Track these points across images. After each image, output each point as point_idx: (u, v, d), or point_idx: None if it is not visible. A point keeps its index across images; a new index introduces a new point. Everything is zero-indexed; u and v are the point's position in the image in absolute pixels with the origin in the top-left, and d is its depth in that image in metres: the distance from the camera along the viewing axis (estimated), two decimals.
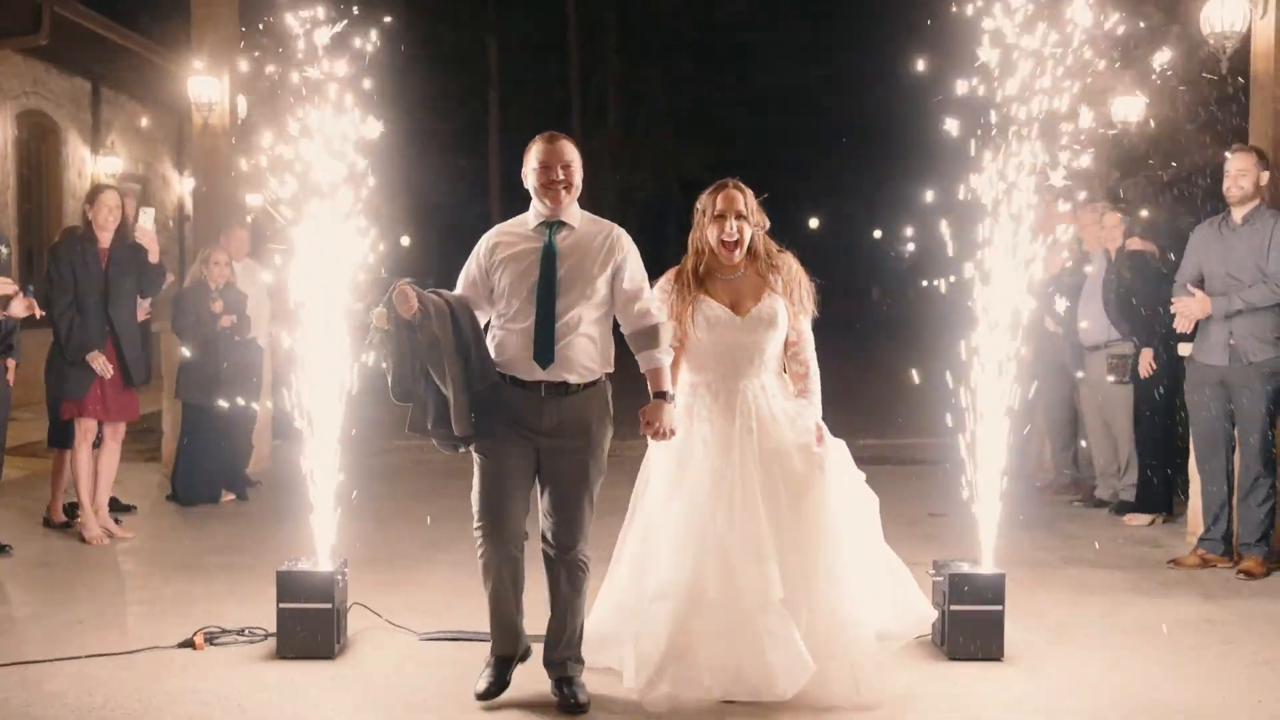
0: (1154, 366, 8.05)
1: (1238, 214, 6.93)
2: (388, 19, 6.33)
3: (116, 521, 7.91)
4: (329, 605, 5.32)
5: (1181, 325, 7.03)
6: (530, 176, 4.75)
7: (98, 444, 7.75)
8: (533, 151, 4.76)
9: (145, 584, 6.70)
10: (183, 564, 7.12)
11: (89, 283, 7.52)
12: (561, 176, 4.71)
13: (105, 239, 7.63)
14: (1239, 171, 6.85)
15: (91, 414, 7.54)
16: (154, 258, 7.73)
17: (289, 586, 5.34)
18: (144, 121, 16.79)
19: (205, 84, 10.03)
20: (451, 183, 32.14)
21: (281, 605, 5.33)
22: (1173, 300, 7.09)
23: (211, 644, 5.47)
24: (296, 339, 5.59)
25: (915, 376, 6.56)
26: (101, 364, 7.45)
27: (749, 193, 5.02)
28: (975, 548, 5.59)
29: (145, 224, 7.70)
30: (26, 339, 7.47)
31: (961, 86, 5.58)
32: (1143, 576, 6.90)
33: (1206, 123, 9.04)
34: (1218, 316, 6.85)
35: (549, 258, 4.67)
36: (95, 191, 7.84)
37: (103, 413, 7.58)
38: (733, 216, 4.96)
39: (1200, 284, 6.98)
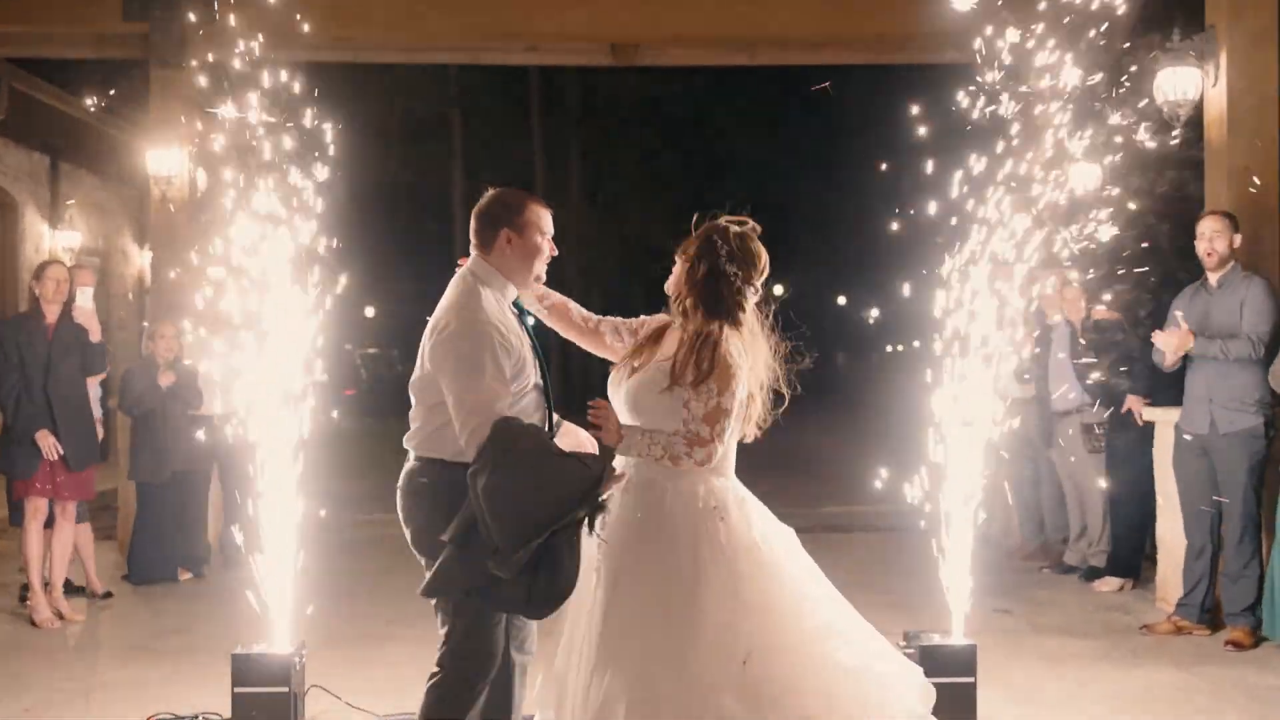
0: (1140, 419, 8.00)
1: (1214, 277, 6.95)
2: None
3: (99, 595, 7.81)
4: (285, 689, 5.17)
5: (1169, 359, 6.96)
6: (536, 243, 4.05)
7: (51, 523, 7.58)
8: (542, 215, 4.08)
9: (97, 668, 6.50)
10: (137, 646, 6.92)
11: (34, 361, 7.40)
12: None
13: (52, 314, 7.51)
14: (1214, 234, 6.87)
15: (40, 493, 7.38)
16: (95, 336, 7.62)
17: (244, 670, 5.18)
18: (102, 195, 16.70)
19: (163, 157, 9.96)
20: (415, 255, 32.18)
21: (237, 690, 5.17)
22: (1153, 334, 7.05)
23: None
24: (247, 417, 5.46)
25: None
26: (50, 444, 7.30)
27: (718, 231, 4.07)
28: (945, 617, 5.51)
29: (83, 303, 7.60)
30: None
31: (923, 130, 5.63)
32: (1114, 644, 6.83)
33: (1162, 190, 9.15)
34: (1201, 359, 6.82)
35: (536, 345, 4.05)
36: (41, 267, 7.74)
37: (52, 491, 7.42)
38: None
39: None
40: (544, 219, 4.08)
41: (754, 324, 4.08)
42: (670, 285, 4.13)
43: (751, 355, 4.00)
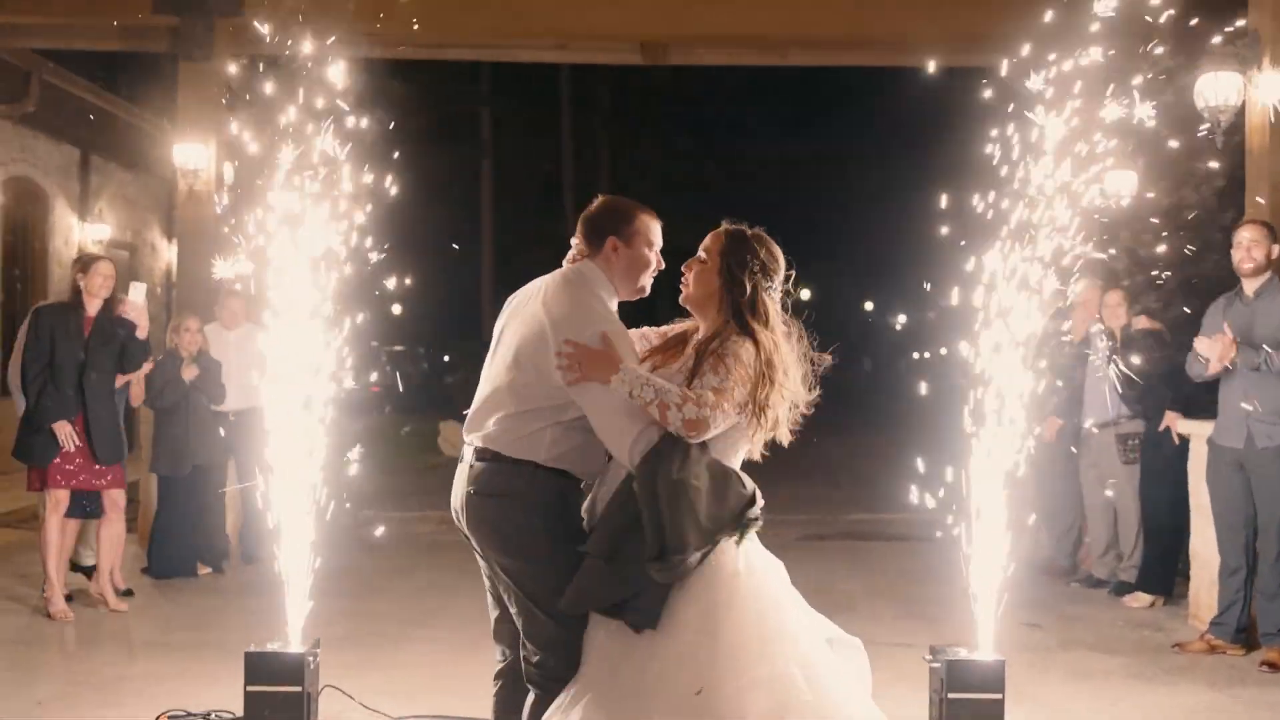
0: (1177, 438, 7.84)
1: (1250, 287, 6.76)
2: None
3: (119, 592, 7.79)
4: (299, 689, 5.08)
5: (1213, 367, 6.75)
6: (643, 255, 3.99)
7: (97, 515, 7.57)
8: (651, 226, 4.03)
9: (111, 663, 6.44)
10: (152, 641, 6.87)
11: (68, 351, 7.34)
12: None
13: (93, 307, 7.47)
14: (1251, 242, 6.68)
15: (59, 484, 7.32)
16: (142, 333, 7.60)
17: (257, 668, 5.09)
18: (132, 188, 16.76)
19: (191, 150, 9.94)
20: (443, 252, 32.14)
21: (249, 688, 5.08)
22: (1196, 340, 6.85)
23: None
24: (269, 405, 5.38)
25: (923, 388, 6.31)
26: (66, 434, 7.24)
27: (734, 236, 3.97)
28: (971, 629, 5.37)
29: (135, 298, 7.57)
30: None
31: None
32: (1145, 662, 6.68)
33: (1200, 198, 8.99)
34: (1238, 371, 6.66)
35: None
36: (90, 260, 7.67)
37: (76, 482, 7.37)
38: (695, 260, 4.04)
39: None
40: (653, 230, 4.02)
41: (779, 329, 3.91)
42: (691, 295, 4.00)
43: (763, 370, 3.78)
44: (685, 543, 3.61)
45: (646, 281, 4.02)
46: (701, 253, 3.99)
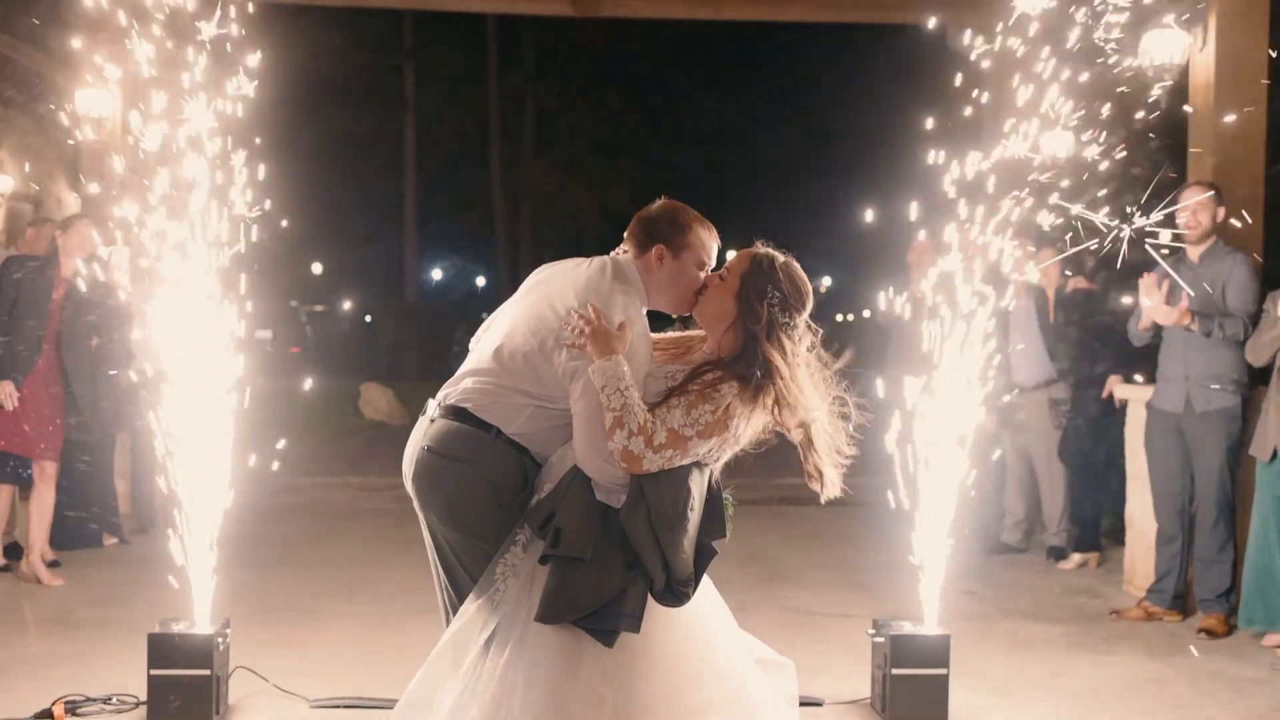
0: (1119, 403, 7.74)
1: (1194, 253, 6.65)
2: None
3: (55, 564, 7.43)
4: (207, 671, 4.77)
5: (1145, 322, 6.64)
6: (689, 273, 3.69)
7: (19, 482, 7.26)
8: (708, 245, 3.74)
9: (6, 641, 6.00)
10: (51, 618, 6.43)
11: (32, 308, 7.06)
12: None
13: (68, 268, 7.25)
14: (1197, 206, 6.57)
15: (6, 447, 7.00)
16: (122, 297, 7.53)
17: (162, 651, 4.78)
18: (36, 138, 16.03)
19: (94, 96, 9.39)
20: (366, 210, 31.58)
21: (153, 672, 4.77)
22: (1140, 281, 6.67)
23: (72, 714, 4.87)
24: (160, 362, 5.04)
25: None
26: (7, 394, 6.89)
27: (759, 262, 3.68)
28: (911, 598, 5.20)
29: (116, 261, 7.45)
30: None
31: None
32: (1084, 630, 6.56)
33: (1141, 157, 8.87)
34: (1173, 334, 6.57)
35: None
36: (71, 219, 7.50)
37: (19, 447, 7.02)
38: None
39: (1158, 327, 6.68)
40: (708, 249, 3.73)
41: (797, 365, 3.59)
42: (704, 311, 3.68)
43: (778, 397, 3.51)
44: (692, 574, 3.44)
45: (683, 306, 3.74)
46: (724, 270, 3.69)
